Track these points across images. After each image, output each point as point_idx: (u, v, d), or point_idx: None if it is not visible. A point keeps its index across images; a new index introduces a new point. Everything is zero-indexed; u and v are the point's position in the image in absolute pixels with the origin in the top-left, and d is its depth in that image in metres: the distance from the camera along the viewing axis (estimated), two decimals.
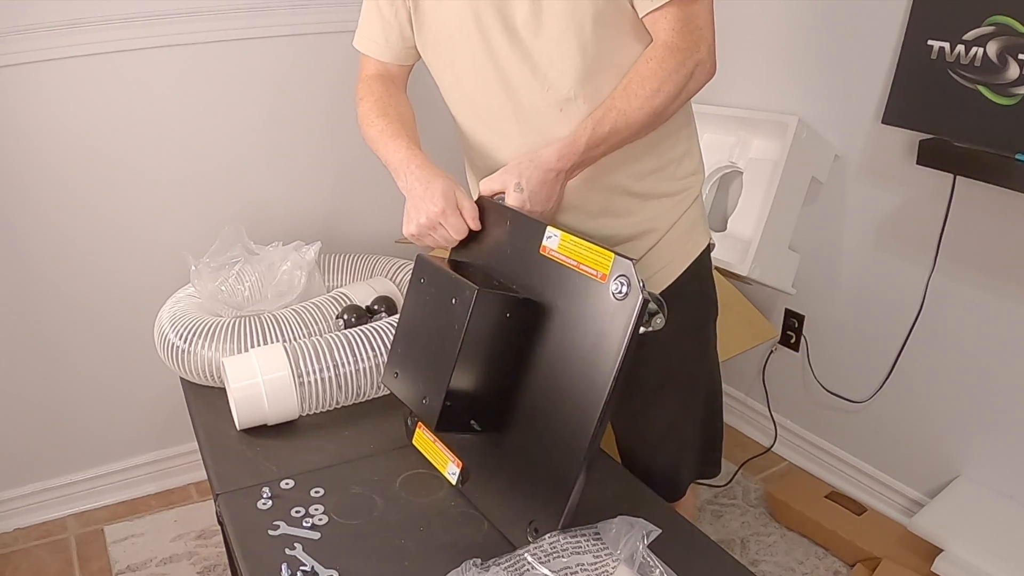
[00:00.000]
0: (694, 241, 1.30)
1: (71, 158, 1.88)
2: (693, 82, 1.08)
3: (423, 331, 1.04)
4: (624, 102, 1.05)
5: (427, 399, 1.00)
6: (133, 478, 2.21)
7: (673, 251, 1.28)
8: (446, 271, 1.01)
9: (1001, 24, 1.51)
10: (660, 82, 1.05)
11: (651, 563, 0.85)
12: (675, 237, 1.27)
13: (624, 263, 0.88)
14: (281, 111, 2.06)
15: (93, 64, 1.82)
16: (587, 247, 0.93)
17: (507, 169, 1.07)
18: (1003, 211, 1.69)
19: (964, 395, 1.86)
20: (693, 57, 1.06)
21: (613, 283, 0.88)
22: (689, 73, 1.06)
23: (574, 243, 0.95)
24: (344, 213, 2.23)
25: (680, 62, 1.05)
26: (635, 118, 1.06)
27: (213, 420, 1.23)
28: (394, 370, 1.09)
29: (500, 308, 0.97)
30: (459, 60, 1.18)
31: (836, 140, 1.99)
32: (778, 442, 2.35)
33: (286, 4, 1.96)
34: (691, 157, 1.27)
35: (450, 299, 0.97)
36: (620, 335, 0.87)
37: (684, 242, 1.29)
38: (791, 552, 1.99)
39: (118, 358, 2.09)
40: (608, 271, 0.89)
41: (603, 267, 0.90)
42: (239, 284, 1.42)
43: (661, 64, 1.05)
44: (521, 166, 1.06)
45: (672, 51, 1.05)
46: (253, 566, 0.93)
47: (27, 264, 1.93)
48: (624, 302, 0.87)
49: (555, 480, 0.90)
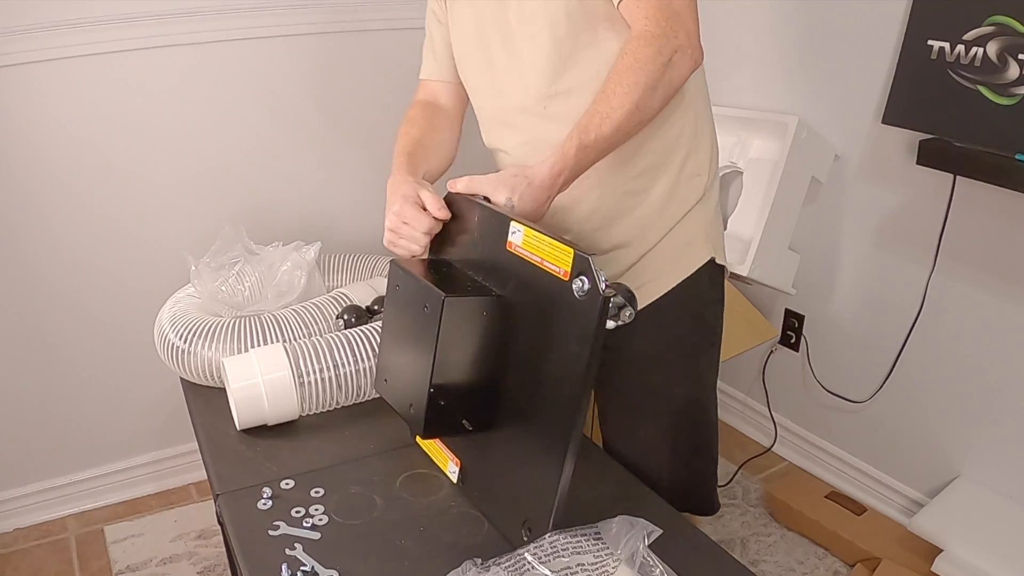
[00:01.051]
0: (690, 255, 1.21)
1: (71, 158, 1.88)
2: (673, 70, 1.01)
3: (403, 338, 1.03)
4: (605, 103, 1.01)
5: (412, 407, 1.00)
6: (133, 478, 2.21)
7: (661, 263, 1.20)
8: (416, 278, 0.99)
9: (1001, 24, 1.51)
10: (635, 74, 0.99)
11: (652, 563, 0.85)
12: (667, 248, 1.20)
13: (583, 259, 0.85)
14: (281, 111, 2.06)
15: (93, 64, 1.82)
16: (548, 243, 0.90)
17: (501, 180, 1.04)
18: (1003, 211, 1.69)
19: (964, 395, 1.86)
20: (670, 43, 1.00)
21: (575, 281, 0.86)
22: (666, 60, 1.00)
23: (537, 239, 0.91)
24: (344, 213, 2.23)
25: (657, 50, 0.99)
26: (617, 117, 1.01)
27: (213, 420, 1.23)
28: (383, 377, 1.09)
29: (471, 311, 0.95)
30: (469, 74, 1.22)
31: (836, 140, 1.99)
32: (778, 442, 2.35)
33: (286, 4, 1.96)
34: (695, 158, 1.20)
35: (422, 306, 0.96)
36: (586, 334, 0.84)
37: (677, 255, 1.21)
38: (791, 552, 1.99)
39: (118, 358, 2.09)
40: (570, 268, 0.87)
41: (565, 263, 0.87)
42: (239, 284, 1.42)
43: (635, 55, 1.00)
44: (516, 180, 1.03)
45: (647, 40, 1.00)
46: (253, 566, 0.93)
47: (27, 264, 1.93)
48: (585, 300, 0.85)
49: (542, 479, 0.89)
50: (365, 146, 2.19)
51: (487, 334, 0.97)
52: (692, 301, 1.23)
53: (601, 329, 0.84)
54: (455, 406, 0.98)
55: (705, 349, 1.27)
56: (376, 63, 2.10)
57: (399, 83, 2.12)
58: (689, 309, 1.23)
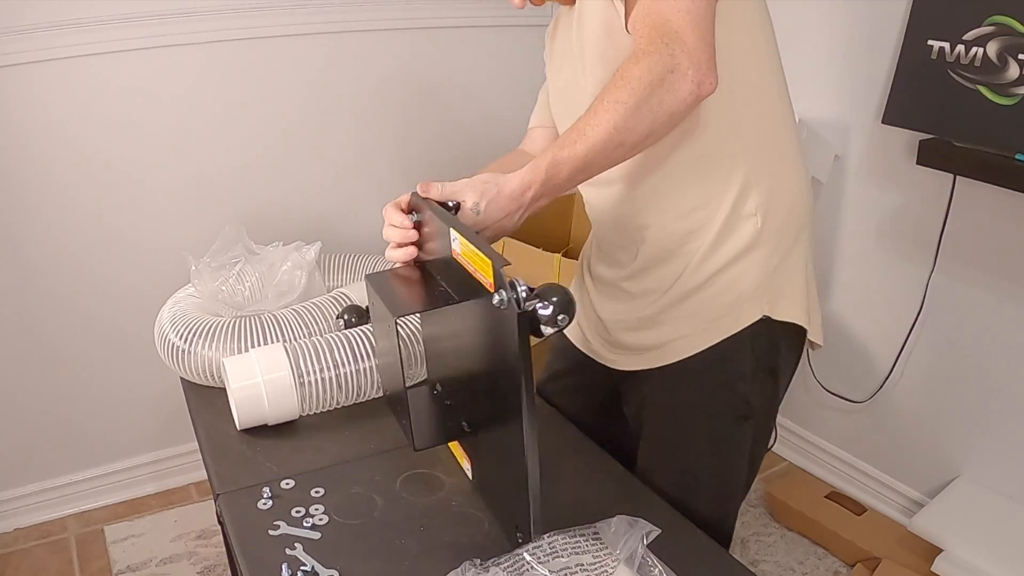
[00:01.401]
0: (735, 314, 1.07)
1: (71, 158, 1.88)
2: (665, 91, 0.90)
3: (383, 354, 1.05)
4: (585, 120, 0.93)
5: (404, 421, 1.01)
6: (133, 478, 2.21)
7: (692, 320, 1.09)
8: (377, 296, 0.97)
9: (1001, 24, 1.51)
10: (618, 92, 0.91)
11: (650, 563, 0.85)
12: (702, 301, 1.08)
13: (498, 272, 0.80)
14: (282, 111, 2.06)
15: (93, 64, 1.83)
16: (475, 253, 0.85)
17: (471, 184, 0.98)
18: (1003, 211, 1.69)
19: (964, 395, 1.86)
20: (662, 63, 0.90)
21: (496, 294, 0.80)
22: (655, 80, 0.90)
23: (468, 248, 0.87)
24: (344, 213, 2.23)
25: (646, 68, 0.90)
26: (593, 135, 0.92)
27: (213, 420, 1.23)
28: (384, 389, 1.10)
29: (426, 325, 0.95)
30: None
31: (836, 140, 1.99)
32: (778, 442, 2.35)
33: (286, 4, 1.96)
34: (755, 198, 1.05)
35: (386, 324, 0.96)
36: (513, 346, 0.80)
37: (715, 311, 1.08)
38: (791, 552, 1.99)
39: (118, 358, 2.09)
40: (492, 279, 0.82)
41: (489, 275, 0.82)
42: (239, 284, 1.42)
43: (622, 73, 0.92)
44: (486, 187, 0.97)
45: (636, 57, 0.92)
46: (253, 566, 0.93)
47: (27, 264, 1.93)
48: (507, 313, 0.80)
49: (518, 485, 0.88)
50: (365, 146, 2.19)
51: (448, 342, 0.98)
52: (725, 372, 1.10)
53: (525, 341, 0.79)
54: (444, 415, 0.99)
55: (738, 424, 1.13)
56: (376, 63, 2.10)
57: (399, 83, 2.12)
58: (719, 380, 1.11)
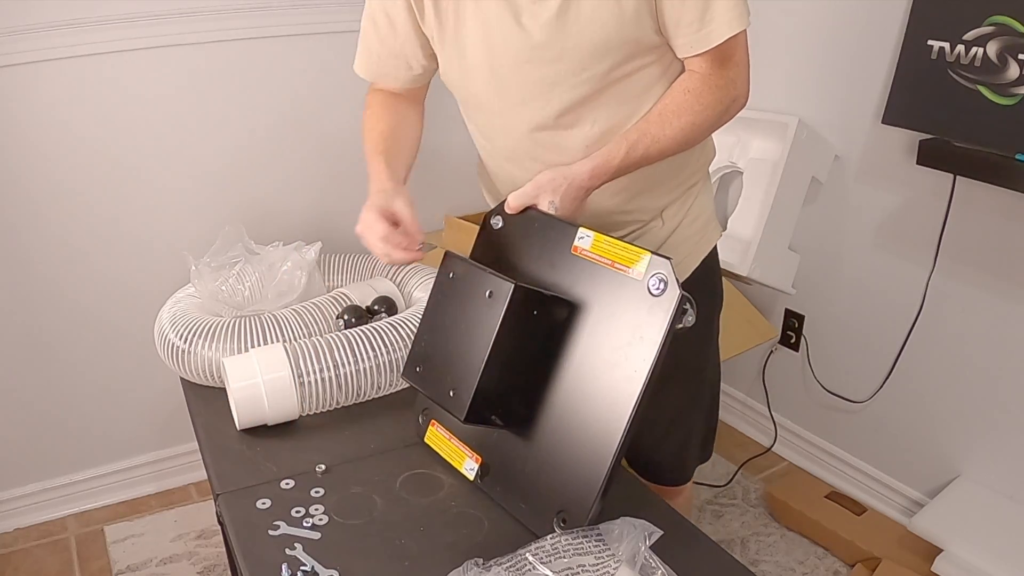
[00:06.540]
0: (708, 236, 1.30)
1: (71, 158, 1.88)
2: (727, 116, 1.12)
3: (451, 325, 1.05)
4: (659, 129, 1.08)
5: (455, 391, 1.01)
6: (133, 478, 2.21)
7: (689, 246, 1.28)
8: (479, 267, 1.03)
9: (1001, 24, 1.51)
10: (695, 115, 1.08)
11: (653, 564, 0.85)
12: (690, 232, 1.27)
13: (661, 262, 0.92)
14: (282, 111, 2.06)
15: (93, 64, 1.82)
16: (621, 246, 0.97)
17: (539, 186, 1.08)
18: (1003, 211, 1.70)
19: (964, 395, 1.86)
20: (730, 93, 1.09)
21: (650, 280, 0.92)
22: (725, 109, 1.10)
23: (608, 243, 0.99)
24: (344, 213, 2.21)
25: (718, 99, 1.08)
26: (666, 146, 1.09)
27: (213, 420, 1.23)
28: (415, 365, 1.10)
29: (534, 304, 0.99)
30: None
31: (836, 140, 1.99)
32: (778, 442, 2.35)
33: (286, 4, 1.96)
34: (704, 148, 1.27)
35: (485, 293, 0.99)
36: (657, 330, 0.90)
37: (699, 236, 1.29)
38: (791, 552, 1.99)
39: (118, 358, 2.09)
40: (644, 269, 0.94)
41: (639, 264, 0.94)
42: (239, 284, 1.42)
43: (698, 98, 1.08)
44: (555, 182, 1.07)
45: (711, 87, 1.08)
46: (253, 566, 0.93)
47: (27, 264, 1.93)
48: (661, 298, 0.91)
49: (587, 473, 0.93)
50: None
51: (539, 331, 1.00)
52: (708, 275, 1.33)
53: (673, 325, 0.90)
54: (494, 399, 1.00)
55: (717, 313, 1.40)
56: None
57: None
58: (707, 284, 1.33)
